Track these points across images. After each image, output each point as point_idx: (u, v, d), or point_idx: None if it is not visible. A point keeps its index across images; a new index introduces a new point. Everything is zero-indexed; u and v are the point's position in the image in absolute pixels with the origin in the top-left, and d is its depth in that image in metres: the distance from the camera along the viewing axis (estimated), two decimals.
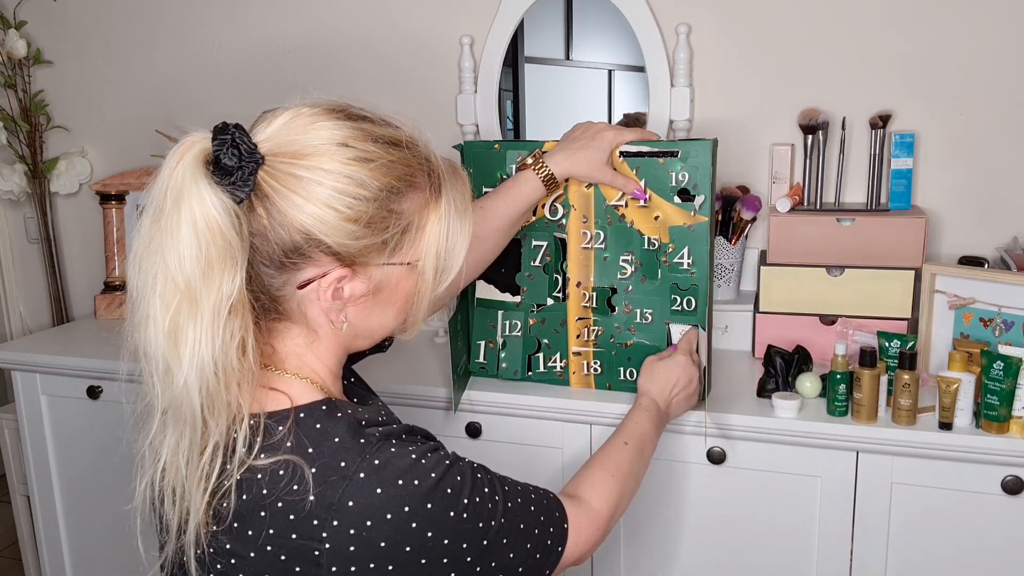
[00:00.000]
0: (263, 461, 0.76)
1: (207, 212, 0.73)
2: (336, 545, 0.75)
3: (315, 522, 0.75)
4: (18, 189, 2.18)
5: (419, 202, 0.82)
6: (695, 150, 1.30)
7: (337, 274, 0.79)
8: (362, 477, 0.76)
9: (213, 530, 0.78)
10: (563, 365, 1.46)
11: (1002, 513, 1.26)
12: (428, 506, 0.77)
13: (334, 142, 0.77)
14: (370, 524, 0.75)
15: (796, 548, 1.37)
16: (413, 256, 0.83)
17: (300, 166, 0.76)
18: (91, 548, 1.91)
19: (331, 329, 0.84)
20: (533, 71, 1.88)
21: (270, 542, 0.76)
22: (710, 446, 1.36)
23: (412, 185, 0.81)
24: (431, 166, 0.84)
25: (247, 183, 0.75)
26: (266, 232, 0.77)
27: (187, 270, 0.73)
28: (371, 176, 0.78)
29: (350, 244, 0.78)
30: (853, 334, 1.48)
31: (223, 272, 0.73)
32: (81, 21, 2.16)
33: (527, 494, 0.89)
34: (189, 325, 0.73)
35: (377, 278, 0.82)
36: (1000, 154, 1.60)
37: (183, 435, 0.76)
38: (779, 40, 1.68)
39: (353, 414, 0.82)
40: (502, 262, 1.44)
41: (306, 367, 0.85)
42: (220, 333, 0.74)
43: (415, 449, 0.80)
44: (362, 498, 0.75)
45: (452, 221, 0.85)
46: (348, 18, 1.94)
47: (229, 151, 0.74)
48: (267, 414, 0.79)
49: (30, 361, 1.81)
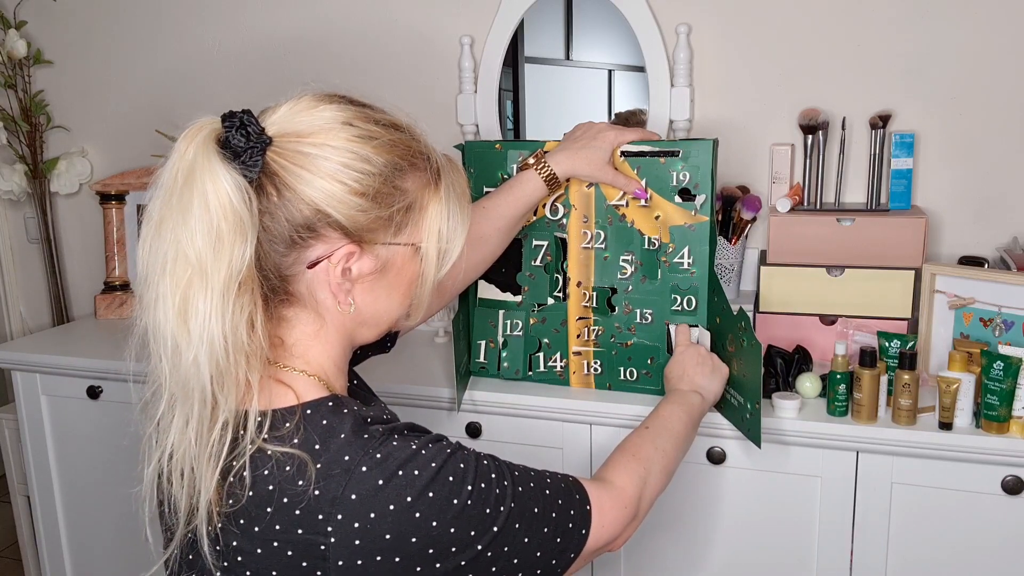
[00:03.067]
0: (273, 446, 0.77)
1: (219, 187, 0.74)
2: (341, 539, 0.75)
3: (320, 516, 0.75)
4: (18, 189, 2.18)
5: (421, 182, 0.84)
6: (696, 150, 1.30)
7: (346, 250, 0.80)
8: (364, 471, 0.76)
9: (226, 512, 0.78)
10: (563, 365, 1.46)
11: (1002, 513, 1.26)
12: (430, 495, 0.77)
13: (338, 121, 0.80)
14: (373, 516, 0.75)
15: (796, 548, 1.37)
16: (417, 237, 0.85)
17: (306, 143, 0.79)
18: (91, 548, 1.91)
19: (338, 314, 0.84)
20: (533, 71, 1.88)
21: (276, 538, 0.76)
22: (710, 446, 1.36)
23: (414, 165, 0.84)
24: (429, 152, 0.86)
25: (256, 163, 0.77)
26: (276, 210, 0.78)
27: (198, 245, 0.74)
28: (375, 152, 0.80)
29: (358, 218, 0.80)
30: (853, 334, 1.48)
31: (233, 247, 0.74)
32: (81, 21, 2.16)
33: (541, 478, 0.88)
34: (199, 299, 0.74)
35: (384, 257, 0.83)
36: (1000, 154, 1.60)
37: (192, 413, 0.76)
38: (779, 40, 1.68)
39: (358, 411, 0.82)
40: (503, 262, 1.44)
41: (313, 362, 0.85)
42: (230, 307, 0.75)
43: (417, 442, 0.80)
44: (364, 491, 0.76)
45: (452, 205, 0.87)
46: (348, 18, 1.94)
47: (238, 133, 0.77)
48: (274, 410, 0.80)
49: (30, 361, 1.81)
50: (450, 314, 1.78)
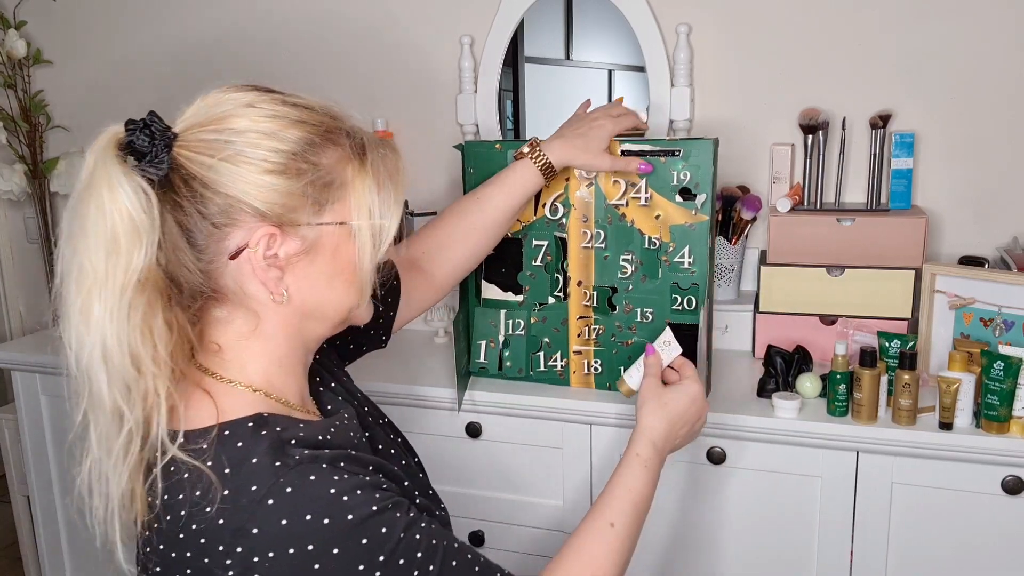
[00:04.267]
0: (186, 468, 0.74)
1: (115, 194, 0.72)
2: (239, 573, 0.71)
3: (221, 547, 0.72)
4: (18, 189, 2.17)
5: (339, 157, 0.80)
6: (696, 149, 1.30)
7: (263, 232, 0.77)
8: (271, 504, 0.72)
9: (141, 530, 0.76)
10: (564, 364, 1.46)
11: (1002, 513, 1.26)
12: (335, 551, 0.71)
13: (240, 104, 0.78)
14: (272, 556, 0.71)
15: (796, 548, 1.37)
16: (344, 215, 0.80)
17: (208, 130, 0.77)
18: (91, 548, 1.90)
19: (275, 308, 0.81)
20: (533, 71, 1.88)
21: (188, 564, 0.74)
22: (710, 446, 1.36)
23: (330, 141, 0.80)
24: (350, 129, 0.82)
25: (163, 161, 0.75)
26: (187, 204, 0.76)
27: (97, 252, 0.72)
28: (283, 128, 0.78)
29: (271, 197, 0.77)
30: (853, 334, 1.48)
31: (131, 251, 0.72)
32: (81, 21, 2.16)
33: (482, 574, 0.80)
34: (96, 304, 0.72)
35: (311, 239, 0.79)
36: (1000, 154, 1.60)
37: (97, 421, 0.74)
38: (779, 40, 1.68)
39: (283, 432, 0.77)
40: (504, 262, 1.44)
41: (249, 367, 0.81)
42: (127, 311, 0.72)
43: (340, 481, 0.74)
44: (267, 527, 0.71)
45: (383, 180, 0.82)
46: (348, 17, 1.94)
47: (141, 134, 0.75)
48: (187, 431, 0.76)
49: (30, 361, 1.81)
50: (451, 314, 1.78)
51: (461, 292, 1.46)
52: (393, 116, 1.93)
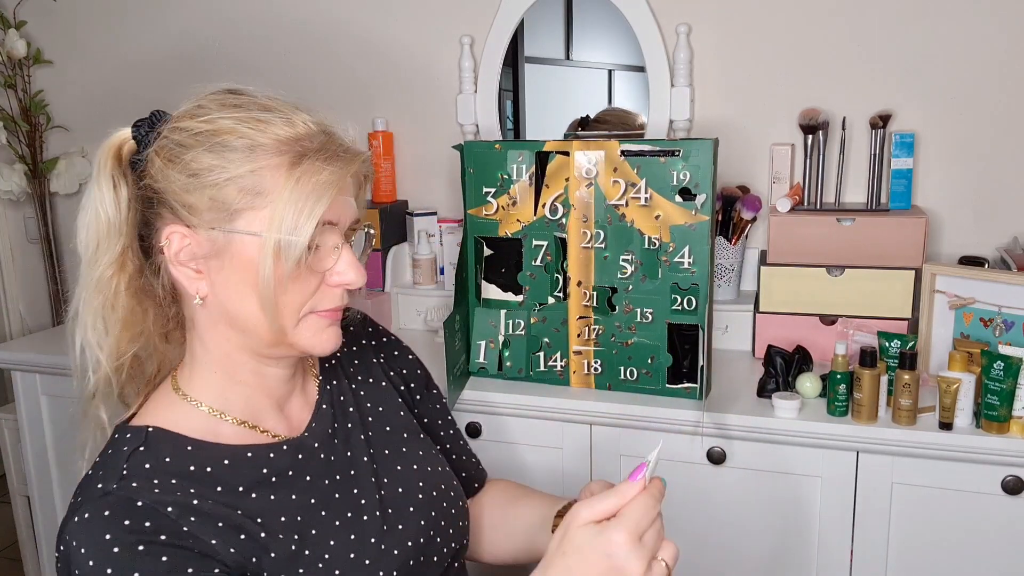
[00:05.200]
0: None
1: (103, 193, 0.80)
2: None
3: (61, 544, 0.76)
4: (18, 189, 2.17)
5: (270, 165, 0.76)
6: (696, 149, 1.30)
7: (172, 229, 0.79)
8: (75, 521, 0.74)
9: None
10: (563, 364, 1.46)
11: (1002, 513, 1.26)
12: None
13: (193, 103, 0.81)
14: (59, 567, 0.76)
15: (796, 548, 1.37)
16: (255, 225, 0.76)
17: (165, 128, 0.81)
18: None
19: (202, 311, 0.81)
20: (533, 71, 1.88)
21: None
22: (710, 446, 1.36)
23: (257, 146, 0.76)
24: (296, 136, 0.78)
25: (142, 158, 0.81)
26: (145, 200, 0.81)
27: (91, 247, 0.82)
28: (214, 131, 0.77)
29: (184, 198, 0.77)
30: (853, 334, 1.48)
31: (108, 247, 0.81)
32: (81, 21, 2.16)
33: None
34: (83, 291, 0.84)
35: (221, 243, 0.77)
36: (1000, 154, 1.60)
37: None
38: (779, 40, 1.68)
39: (144, 455, 0.78)
40: (504, 262, 1.44)
41: (196, 379, 0.85)
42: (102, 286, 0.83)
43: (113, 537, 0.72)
44: (65, 538, 0.75)
45: (305, 194, 0.76)
46: (349, 17, 1.94)
47: (145, 128, 0.81)
48: (116, 426, 0.85)
49: (30, 361, 1.81)
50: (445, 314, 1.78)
51: (458, 292, 1.46)
52: (393, 116, 1.93)
